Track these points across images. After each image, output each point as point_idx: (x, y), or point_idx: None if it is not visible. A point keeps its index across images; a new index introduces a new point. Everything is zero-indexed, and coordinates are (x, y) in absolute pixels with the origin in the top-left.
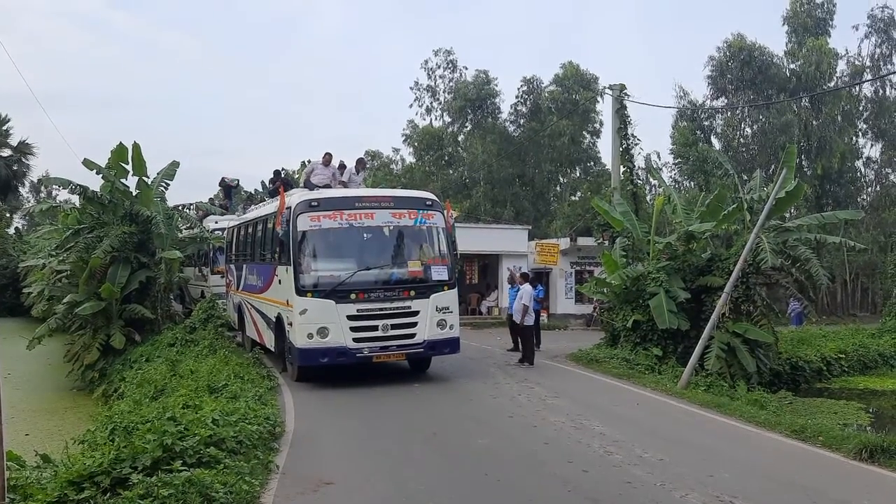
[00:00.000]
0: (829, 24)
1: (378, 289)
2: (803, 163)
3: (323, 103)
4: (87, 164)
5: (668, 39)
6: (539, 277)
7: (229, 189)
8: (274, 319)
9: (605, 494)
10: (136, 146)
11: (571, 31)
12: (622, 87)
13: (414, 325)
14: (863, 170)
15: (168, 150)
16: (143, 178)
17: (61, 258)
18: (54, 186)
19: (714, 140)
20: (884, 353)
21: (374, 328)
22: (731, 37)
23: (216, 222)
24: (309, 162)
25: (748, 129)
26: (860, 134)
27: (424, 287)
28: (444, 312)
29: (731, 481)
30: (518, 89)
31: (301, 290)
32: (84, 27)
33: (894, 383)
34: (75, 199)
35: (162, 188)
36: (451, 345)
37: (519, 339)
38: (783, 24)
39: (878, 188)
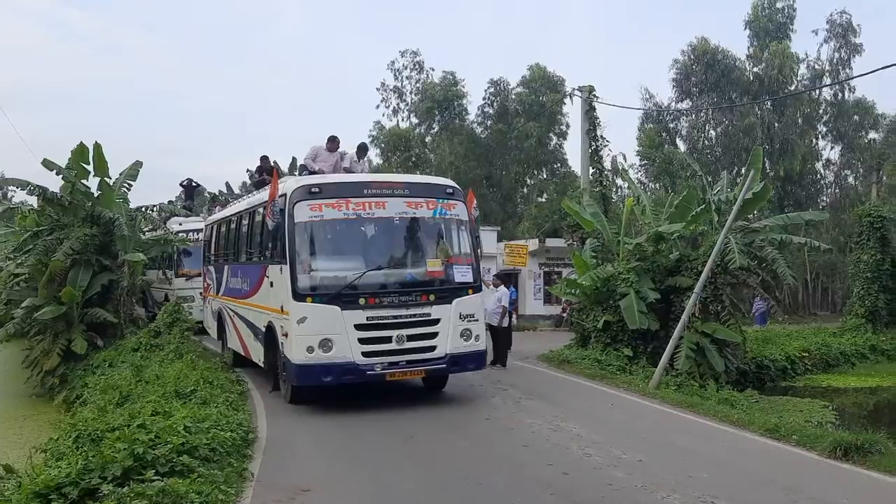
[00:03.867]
0: (789, 28)
1: (391, 292)
2: (766, 165)
3: (286, 105)
4: (47, 164)
5: (633, 42)
6: (508, 278)
7: (191, 190)
8: (263, 329)
9: (587, 497)
10: (97, 146)
11: (537, 34)
12: (591, 89)
13: (434, 335)
14: (822, 172)
15: (126, 150)
16: (105, 178)
17: (19, 261)
18: (10, 188)
19: (679, 142)
20: (845, 351)
21: (388, 339)
22: (694, 40)
23: (180, 224)
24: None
25: (712, 132)
26: (820, 137)
27: (446, 290)
28: (468, 320)
29: (710, 481)
30: (485, 91)
31: (299, 294)
32: (40, 24)
33: (856, 381)
34: (33, 201)
35: (124, 189)
36: (477, 359)
37: (492, 342)
38: (745, 28)
39: (837, 190)
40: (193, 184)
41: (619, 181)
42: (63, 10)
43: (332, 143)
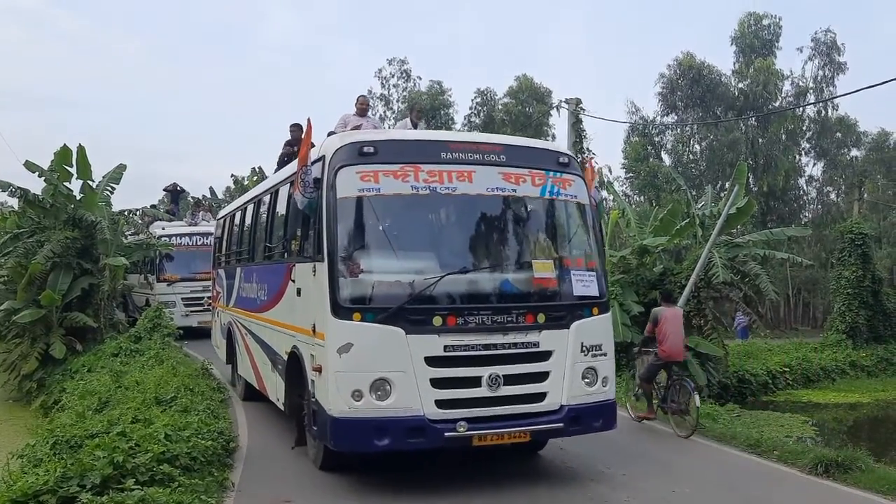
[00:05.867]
0: (775, 45)
1: (482, 309)
2: (749, 180)
3: (272, 110)
4: (29, 166)
5: (619, 55)
6: None
7: (176, 195)
8: (284, 357)
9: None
10: (80, 148)
11: (525, 45)
12: (578, 101)
13: (544, 376)
14: (805, 188)
15: (109, 152)
16: (88, 181)
17: None
18: None
19: (664, 156)
20: (825, 366)
21: (475, 382)
22: (680, 55)
23: (163, 228)
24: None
25: (697, 146)
26: (803, 153)
27: (561, 308)
28: (593, 355)
29: (694, 497)
30: (472, 100)
31: (342, 308)
32: (22, 24)
33: (836, 397)
34: (14, 203)
35: (107, 192)
36: (605, 414)
37: None
38: (731, 44)
39: (819, 206)
40: (178, 188)
41: (604, 193)
42: (47, 11)
43: (361, 104)
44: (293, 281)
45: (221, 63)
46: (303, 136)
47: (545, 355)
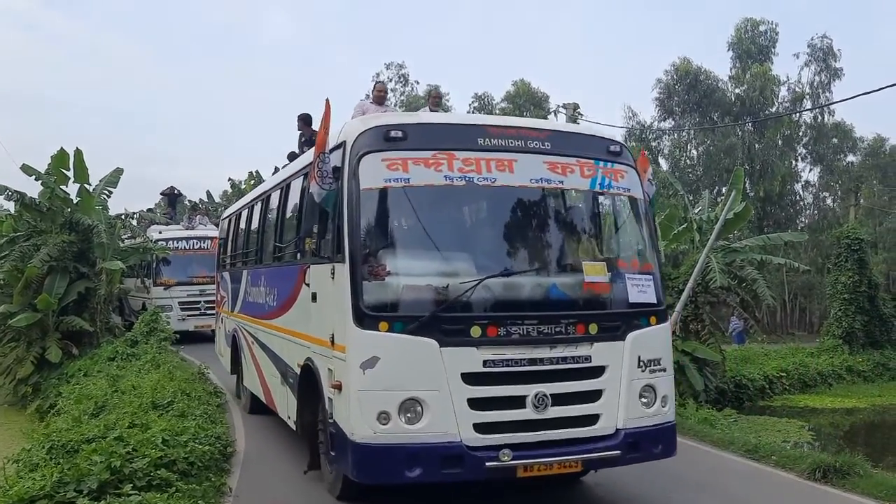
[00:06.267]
0: (772, 51)
1: (526, 318)
2: (746, 185)
3: (269, 114)
4: (26, 169)
5: (617, 61)
6: None
7: (174, 199)
8: (297, 369)
9: None
10: (78, 152)
11: (523, 50)
12: (576, 106)
13: (596, 395)
14: (802, 193)
15: (105, 156)
16: (85, 185)
17: None
18: None
19: (661, 161)
20: (822, 371)
21: (519, 402)
22: (678, 60)
23: (160, 232)
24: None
25: (694, 151)
26: (799, 158)
27: (615, 317)
28: (651, 371)
29: (693, 501)
30: (469, 105)
31: (366, 316)
32: (16, 26)
33: (832, 402)
34: (10, 206)
35: (104, 196)
36: (665, 439)
37: None
38: (728, 49)
39: (815, 211)
40: (176, 192)
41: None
42: (41, 13)
43: (379, 91)
44: (307, 285)
45: (219, 67)
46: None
47: (598, 371)
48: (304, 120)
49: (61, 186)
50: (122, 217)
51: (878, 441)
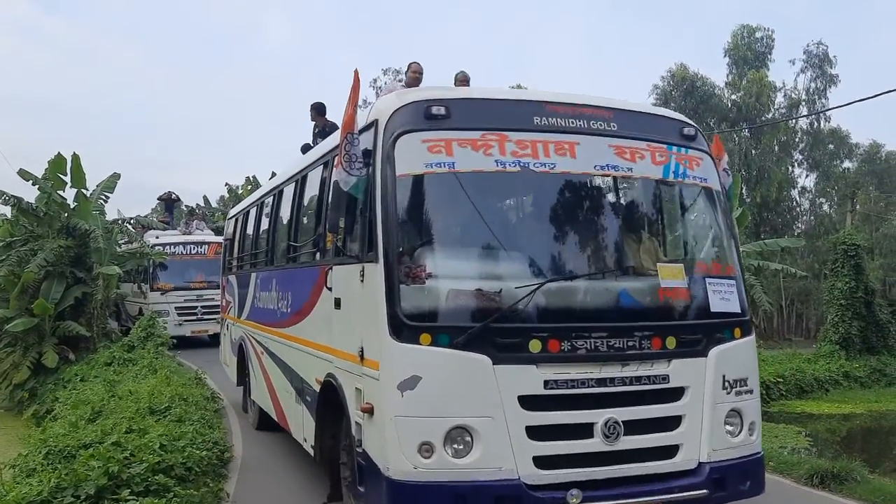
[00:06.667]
0: (768, 57)
1: (593, 330)
2: (743, 191)
3: (267, 119)
4: (23, 174)
5: (615, 65)
6: None
7: (171, 203)
8: (316, 386)
9: None
10: (75, 157)
11: (520, 53)
12: None
13: (675, 422)
14: (798, 199)
15: (102, 161)
16: (82, 190)
17: None
18: None
19: None
20: (819, 377)
21: (586, 431)
22: (674, 67)
23: (157, 237)
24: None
25: None
26: (796, 164)
27: (696, 329)
28: (737, 393)
29: None
30: None
31: (405, 326)
32: (15, 31)
33: (829, 407)
34: (7, 211)
35: (101, 201)
36: (753, 474)
37: None
38: (724, 55)
39: (812, 217)
40: (173, 197)
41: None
42: (41, 18)
43: (414, 71)
44: (329, 289)
45: (216, 72)
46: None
47: (677, 393)
48: (318, 109)
49: (58, 191)
50: (119, 222)
51: (874, 447)
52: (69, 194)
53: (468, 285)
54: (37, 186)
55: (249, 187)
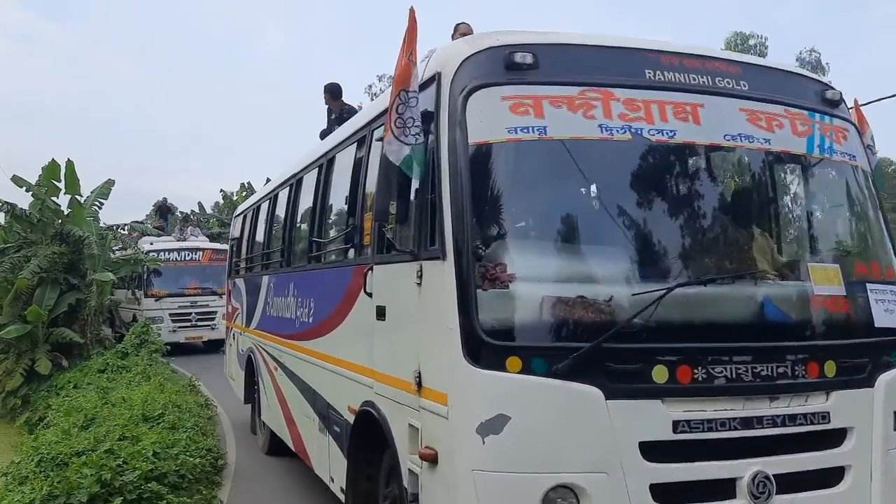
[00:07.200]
0: None
1: (733, 352)
2: None
3: (261, 126)
4: (17, 180)
5: None
6: None
7: (165, 210)
8: (348, 416)
9: None
10: (69, 163)
11: None
12: None
13: (838, 475)
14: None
15: (96, 167)
16: (76, 196)
17: None
18: None
19: None
20: None
21: (727, 488)
22: None
23: (151, 244)
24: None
25: None
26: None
27: (859, 350)
28: None
29: None
30: None
31: (486, 346)
32: (10, 37)
33: None
34: (0, 217)
35: (95, 207)
36: None
37: None
38: None
39: None
40: (168, 204)
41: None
42: (37, 24)
43: (462, 33)
44: (368, 294)
45: (212, 79)
46: (347, 112)
47: (839, 436)
48: (332, 92)
49: (52, 198)
50: (114, 228)
51: None
52: (63, 201)
53: (569, 290)
54: (30, 193)
55: (245, 193)
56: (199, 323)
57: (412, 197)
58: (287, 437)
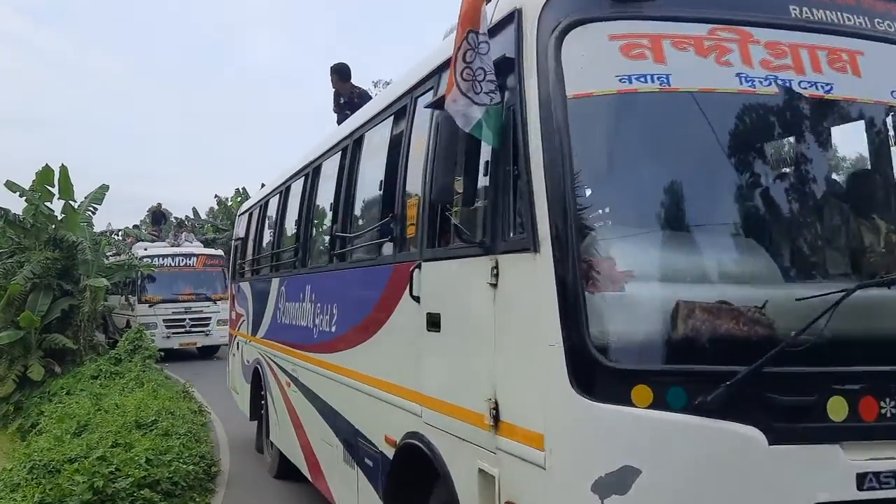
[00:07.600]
0: None
1: None
2: None
3: (255, 132)
4: (10, 185)
5: None
6: None
7: (160, 215)
8: (385, 448)
9: None
10: (63, 169)
11: None
12: None
13: None
14: None
15: (90, 173)
16: (70, 201)
17: None
18: None
19: None
20: None
21: None
22: None
23: (145, 249)
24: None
25: None
26: None
27: None
28: None
29: None
30: None
31: (602, 371)
32: (2, 42)
33: None
34: None
35: (89, 213)
36: None
37: None
38: None
39: None
40: (162, 210)
41: None
42: (34, 29)
43: None
44: (415, 298)
45: (207, 84)
46: (359, 96)
47: None
48: (340, 73)
49: (46, 203)
50: (107, 234)
51: None
52: (57, 206)
53: (708, 293)
54: (24, 198)
55: (239, 199)
56: (193, 329)
57: (483, 172)
58: (301, 464)
